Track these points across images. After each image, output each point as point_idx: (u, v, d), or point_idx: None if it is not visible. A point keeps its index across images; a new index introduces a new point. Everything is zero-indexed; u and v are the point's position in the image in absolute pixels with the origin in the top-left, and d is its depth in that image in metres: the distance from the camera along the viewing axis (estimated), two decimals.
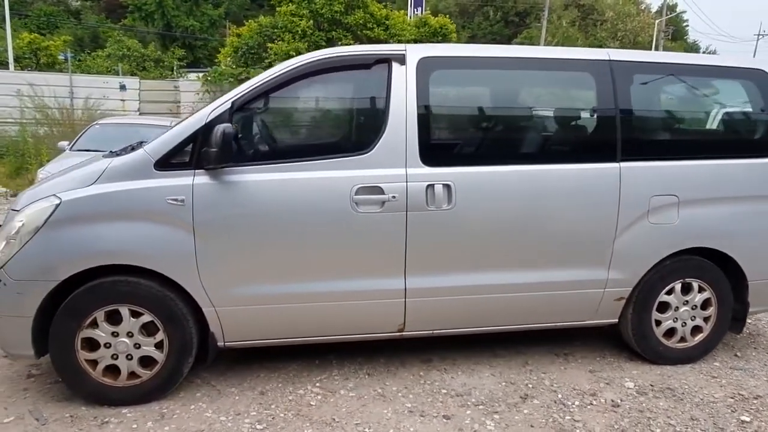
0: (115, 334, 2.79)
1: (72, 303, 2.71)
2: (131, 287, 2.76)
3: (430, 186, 2.90)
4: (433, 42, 18.06)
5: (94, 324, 2.77)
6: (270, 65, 15.91)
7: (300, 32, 17.33)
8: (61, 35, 20.58)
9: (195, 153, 2.76)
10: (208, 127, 2.74)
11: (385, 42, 17.79)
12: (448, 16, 19.47)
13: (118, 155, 3.18)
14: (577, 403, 2.97)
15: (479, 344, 3.53)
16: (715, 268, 3.32)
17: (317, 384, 3.12)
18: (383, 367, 3.32)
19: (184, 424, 2.72)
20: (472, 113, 3.16)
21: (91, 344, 2.80)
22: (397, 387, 3.10)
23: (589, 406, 2.94)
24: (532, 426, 2.76)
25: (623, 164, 3.10)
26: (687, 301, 3.34)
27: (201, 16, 33.25)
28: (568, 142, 3.22)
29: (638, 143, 3.16)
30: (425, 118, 2.92)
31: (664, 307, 3.32)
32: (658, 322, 3.33)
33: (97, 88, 11.39)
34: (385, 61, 2.94)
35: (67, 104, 11.19)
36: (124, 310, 2.77)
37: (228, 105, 2.79)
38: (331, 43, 17.57)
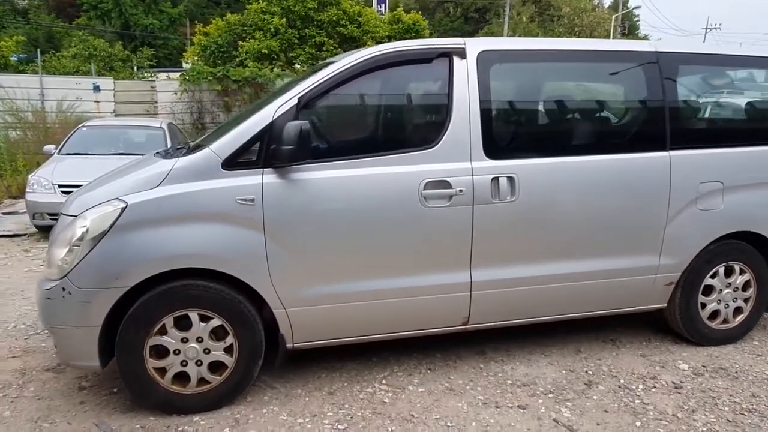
0: (184, 340, 2.70)
1: (141, 309, 2.61)
2: (201, 291, 2.67)
3: (495, 179, 2.92)
4: (406, 39, 18.12)
5: (163, 330, 2.67)
6: (241, 64, 15.65)
7: (272, 30, 17.10)
8: (11, 35, 19.66)
9: (263, 151, 2.69)
10: (274, 125, 2.69)
11: (360, 39, 17.74)
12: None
13: (166, 156, 3.09)
14: (640, 386, 3.05)
15: (528, 334, 3.57)
16: (753, 250, 3.46)
17: (383, 381, 3.10)
18: (442, 362, 3.32)
19: (262, 429, 2.66)
20: (532, 106, 3.20)
21: (159, 351, 2.70)
22: (462, 380, 3.11)
23: (653, 389, 3.02)
24: (606, 411, 2.82)
25: (672, 153, 3.19)
26: (729, 284, 3.47)
27: (160, 15, 32.41)
28: (622, 133, 3.29)
29: (685, 132, 3.26)
30: (487, 112, 2.93)
31: (708, 290, 3.44)
32: (704, 305, 3.45)
33: (70, 89, 10.95)
34: (446, 55, 2.94)
35: (38, 107, 10.73)
36: (194, 315, 2.69)
37: (294, 101, 2.74)
38: (303, 40, 17.45)
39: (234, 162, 2.68)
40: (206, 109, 12.27)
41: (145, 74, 13.94)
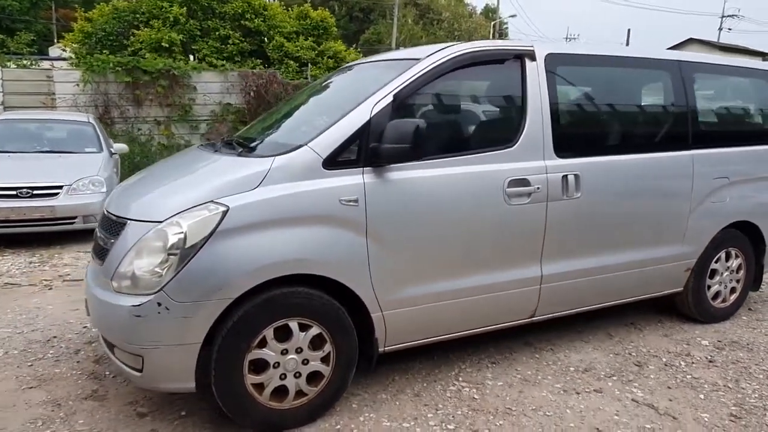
0: (284, 352, 2.52)
1: (242, 321, 2.40)
2: (302, 299, 2.52)
3: (564, 176, 3.07)
4: (315, 35, 17.93)
5: (263, 343, 2.48)
6: (135, 53, 14.52)
7: (171, 20, 16.03)
8: None
9: (363, 149, 2.59)
10: (372, 123, 2.60)
11: (267, 33, 17.24)
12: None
13: (219, 151, 2.88)
14: (682, 363, 3.37)
15: (560, 324, 3.74)
16: (745, 237, 3.96)
17: (459, 378, 3.12)
18: (499, 355, 3.41)
19: None
20: (591, 107, 3.38)
21: (258, 366, 2.50)
22: (529, 371, 3.23)
23: (693, 365, 3.36)
24: (669, 387, 3.09)
25: (694, 152, 3.57)
26: (728, 267, 3.94)
27: None
28: (660, 133, 3.58)
29: (702, 133, 3.65)
30: (555, 112, 3.07)
31: (713, 273, 3.88)
32: (709, 287, 3.88)
33: None
34: (520, 56, 3.03)
35: None
36: (294, 325, 2.52)
37: (390, 99, 2.66)
38: (206, 33, 16.57)
39: (335, 161, 2.56)
40: (113, 102, 11.20)
41: (24, 61, 12.30)
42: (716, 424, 2.73)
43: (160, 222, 2.37)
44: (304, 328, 2.55)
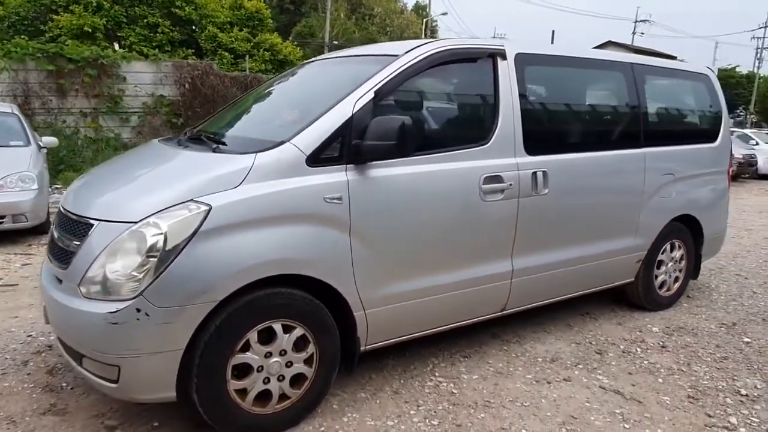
0: (267, 355, 2.45)
1: (225, 325, 2.30)
2: (286, 299, 2.45)
3: (534, 173, 3.16)
4: (249, 26, 17.45)
5: (246, 346, 2.39)
6: (53, 39, 13.63)
7: (94, 5, 15.10)
8: None
9: (345, 147, 2.55)
10: (354, 119, 2.56)
11: (199, 22, 16.60)
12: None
13: (186, 146, 2.77)
14: (638, 350, 3.57)
15: (522, 316, 3.84)
16: (686, 229, 4.24)
17: (435, 374, 3.15)
18: (470, 349, 3.48)
19: None
20: (557, 106, 3.47)
21: (240, 371, 2.41)
22: (501, 363, 3.31)
23: (648, 351, 3.56)
24: (630, 373, 3.26)
25: (646, 149, 3.77)
26: (672, 258, 4.21)
27: None
28: (617, 132, 3.75)
29: (653, 132, 3.86)
30: (525, 110, 3.14)
31: (659, 264, 4.13)
32: (656, 277, 4.13)
33: None
34: (492, 55, 3.08)
35: None
36: (278, 326, 2.45)
37: (371, 95, 2.64)
38: (133, 20, 15.74)
39: (318, 158, 2.50)
40: (34, 92, 10.42)
41: None
42: (677, 406, 2.91)
43: (135, 222, 2.23)
44: (287, 329, 2.48)
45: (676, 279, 4.30)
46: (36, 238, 5.84)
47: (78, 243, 2.35)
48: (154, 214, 2.23)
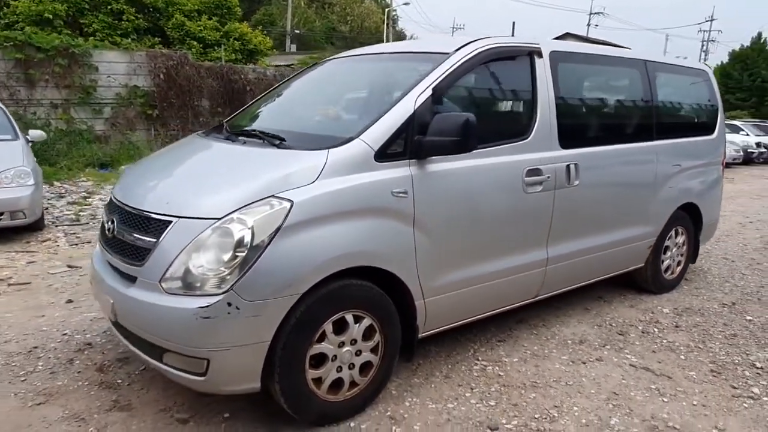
0: (341, 344, 2.54)
1: (306, 317, 2.37)
2: (357, 291, 2.54)
3: (567, 166, 3.33)
4: (218, 14, 17.09)
5: (322, 337, 2.48)
6: (9, 26, 13.08)
7: None
8: None
9: (408, 142, 2.65)
10: (416, 116, 2.66)
11: (166, 10, 16.14)
12: None
13: (243, 142, 2.79)
14: (655, 330, 3.82)
15: (541, 302, 4.03)
16: (688, 216, 4.52)
17: (478, 358, 3.30)
18: (503, 333, 3.64)
19: (424, 420, 2.66)
20: (586, 101, 3.65)
21: (316, 360, 2.49)
22: (535, 346, 3.49)
23: (664, 330, 3.82)
24: (653, 351, 3.49)
25: (658, 142, 4.01)
26: (677, 243, 4.48)
27: None
28: (635, 125, 3.97)
29: (663, 126, 4.10)
30: (559, 106, 3.31)
31: (665, 249, 4.40)
32: (663, 262, 4.40)
33: None
34: (530, 53, 3.22)
35: None
36: (350, 317, 2.54)
37: (430, 92, 2.73)
38: (96, 7, 15.17)
39: (385, 153, 2.59)
40: (1, 82, 9.97)
41: None
42: (704, 380, 3.16)
43: (218, 219, 2.27)
44: (357, 319, 2.57)
45: (679, 263, 4.59)
46: (32, 235, 5.67)
47: (154, 240, 2.36)
48: (236, 210, 2.27)
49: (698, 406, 2.88)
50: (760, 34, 36.59)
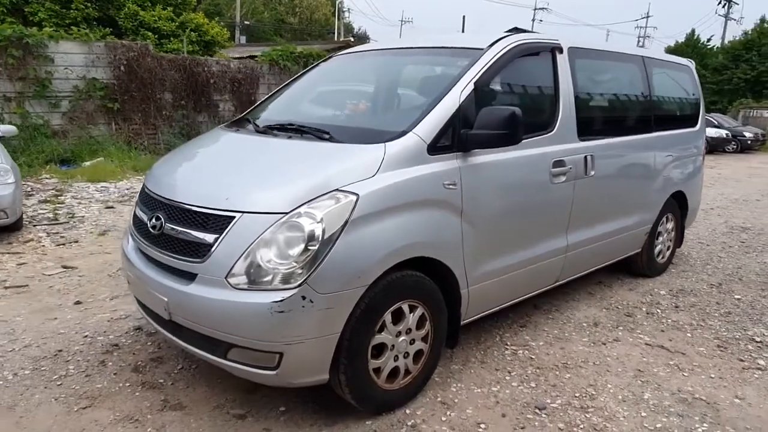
0: (398, 334, 2.60)
1: (370, 307, 2.42)
2: (413, 281, 2.60)
3: (585, 157, 3.50)
4: (173, 4, 16.53)
5: (382, 327, 2.53)
6: None
7: None
8: None
9: (456, 135, 2.72)
10: (461, 109, 2.74)
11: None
12: None
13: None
14: (658, 311, 4.06)
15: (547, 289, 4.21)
16: (675, 203, 4.81)
17: (507, 343, 3.43)
18: (521, 320, 3.79)
19: (474, 404, 2.76)
20: (599, 95, 3.82)
21: (377, 350, 2.54)
22: (556, 330, 3.65)
23: (667, 310, 4.07)
24: (662, 331, 3.73)
25: (656, 133, 4.25)
26: (667, 229, 4.77)
27: None
28: (638, 118, 4.18)
29: (658, 118, 4.35)
30: (577, 99, 3.47)
31: (658, 235, 4.67)
32: (655, 246, 4.67)
33: None
34: (553, 49, 3.36)
35: None
36: (405, 307, 2.61)
37: (472, 87, 2.82)
38: None
39: (435, 146, 2.65)
40: None
41: None
42: (714, 355, 3.40)
43: (285, 213, 2.27)
44: (411, 309, 2.64)
45: (668, 248, 4.88)
46: (12, 236, 5.39)
47: (215, 236, 2.34)
48: (304, 204, 2.29)
49: (716, 379, 3.11)
50: (693, 31, 38.66)
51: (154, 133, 11.62)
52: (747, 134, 21.08)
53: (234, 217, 2.33)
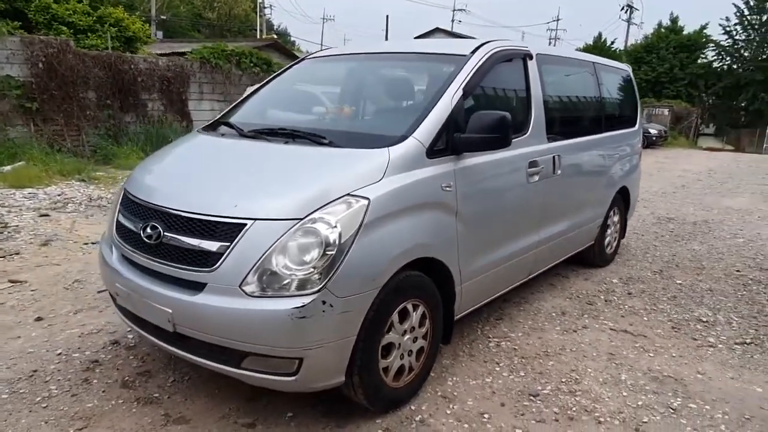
0: (404, 333, 2.68)
1: (380, 308, 2.47)
2: (416, 281, 2.69)
3: (553, 157, 3.72)
4: None
5: (390, 327, 2.60)
6: None
7: None
8: None
9: (450, 139, 2.83)
10: (453, 113, 2.85)
11: None
12: None
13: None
14: (615, 298, 4.39)
15: None
16: (620, 198, 5.20)
17: (489, 336, 3.59)
18: (495, 312, 3.97)
19: (473, 396, 2.89)
20: (562, 98, 4.04)
21: (385, 350, 2.60)
22: (530, 321, 3.86)
23: (623, 297, 4.40)
24: (622, 316, 4.04)
25: (606, 133, 4.59)
26: (614, 222, 5.14)
27: None
28: (593, 119, 4.47)
29: (607, 118, 4.69)
30: (545, 103, 3.68)
31: (607, 227, 5.03)
32: (605, 238, 5.03)
33: None
34: (524, 56, 3.54)
35: None
36: (409, 306, 2.69)
37: (461, 92, 2.94)
38: None
39: (433, 150, 2.74)
40: None
41: None
42: (671, 335, 3.74)
43: (299, 219, 2.28)
44: (414, 308, 2.72)
45: (615, 239, 5.26)
46: None
47: (226, 244, 2.31)
48: (317, 210, 2.31)
49: (677, 357, 3.42)
50: (600, 34, 41.22)
51: (78, 134, 10.93)
52: (652, 131, 22.83)
53: (245, 224, 2.30)
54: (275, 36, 37.01)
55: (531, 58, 3.59)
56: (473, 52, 3.17)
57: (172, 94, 12.62)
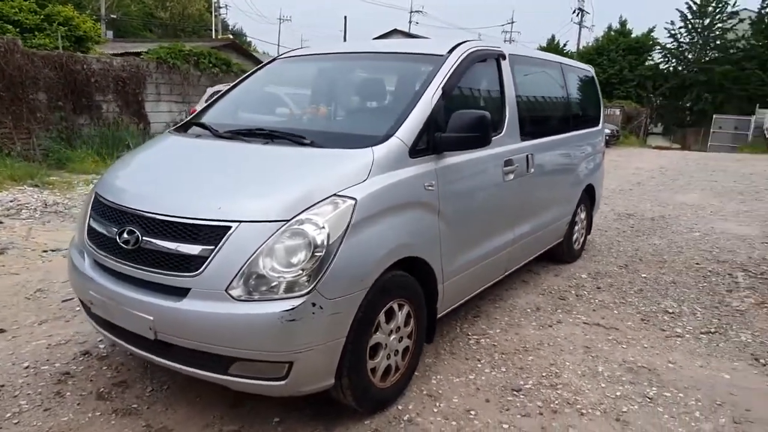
0: (390, 333, 2.67)
1: (368, 308, 2.46)
2: (401, 280, 2.69)
3: (527, 155, 3.79)
4: None
5: (377, 327, 2.59)
6: None
7: None
8: None
9: (431, 139, 2.84)
10: (433, 113, 2.87)
11: None
12: None
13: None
14: (585, 293, 4.50)
15: None
16: (586, 196, 5.34)
17: (468, 333, 3.62)
18: (472, 310, 4.01)
19: (459, 393, 2.91)
20: (534, 98, 4.10)
21: (372, 350, 2.59)
22: (507, 318, 3.92)
23: (593, 291, 4.52)
24: (594, 310, 4.14)
25: (573, 132, 4.70)
26: (581, 219, 5.28)
27: None
28: (561, 118, 4.57)
29: (574, 118, 4.81)
30: (519, 103, 3.74)
31: (575, 224, 5.15)
32: (572, 234, 5.15)
33: None
34: (498, 56, 3.60)
35: None
36: (395, 305, 2.69)
37: (440, 92, 2.95)
38: None
39: (415, 150, 2.75)
40: None
41: None
42: (641, 327, 3.86)
43: (286, 221, 2.25)
44: (400, 308, 2.72)
45: (582, 235, 5.40)
46: None
47: (210, 247, 2.25)
48: (304, 211, 2.28)
49: (648, 348, 3.54)
50: (553, 37, 42.30)
51: (29, 137, 10.46)
52: (606, 130, 23.53)
53: (230, 227, 2.25)
54: (231, 36, 36.39)
55: (504, 58, 3.64)
56: (450, 51, 3.19)
57: (127, 95, 12.23)
